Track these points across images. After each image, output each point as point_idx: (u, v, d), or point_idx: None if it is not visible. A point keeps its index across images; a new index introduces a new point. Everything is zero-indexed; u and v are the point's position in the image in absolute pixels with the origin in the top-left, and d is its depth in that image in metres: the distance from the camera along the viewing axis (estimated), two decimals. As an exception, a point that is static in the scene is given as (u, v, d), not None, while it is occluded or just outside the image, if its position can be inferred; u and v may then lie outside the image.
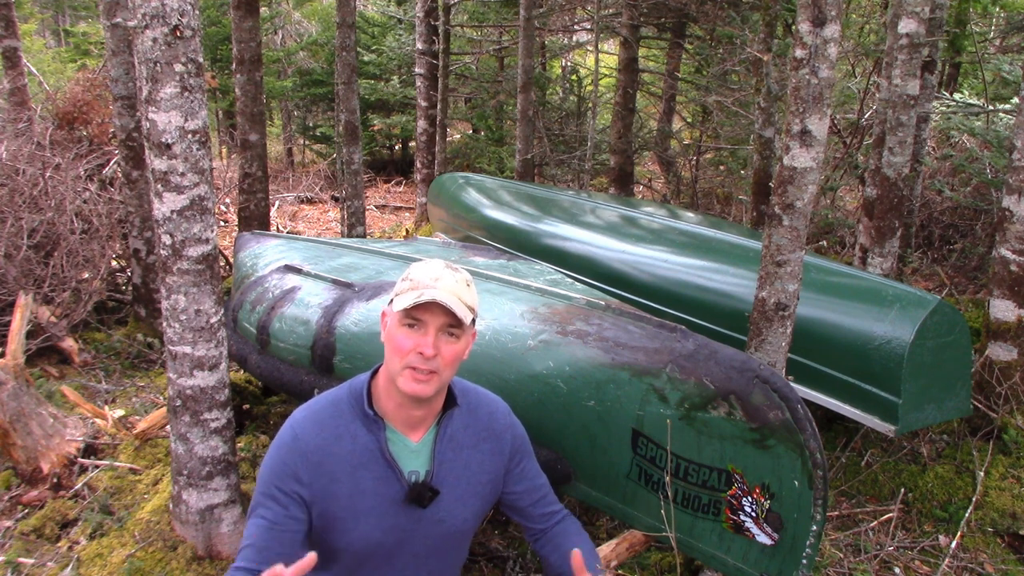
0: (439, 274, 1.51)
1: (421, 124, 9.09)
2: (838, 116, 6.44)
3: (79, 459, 2.91)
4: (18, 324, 2.93)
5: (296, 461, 1.53)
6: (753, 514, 1.73)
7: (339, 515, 1.54)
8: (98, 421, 3.16)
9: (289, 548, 1.53)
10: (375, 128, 12.77)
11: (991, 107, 5.17)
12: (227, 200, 9.46)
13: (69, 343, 4.27)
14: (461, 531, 1.68)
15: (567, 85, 10.82)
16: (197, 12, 2.03)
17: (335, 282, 2.81)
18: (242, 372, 3.55)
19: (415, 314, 1.49)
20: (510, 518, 1.81)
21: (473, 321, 1.56)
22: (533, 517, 1.77)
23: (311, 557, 1.30)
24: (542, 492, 1.78)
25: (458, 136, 12.27)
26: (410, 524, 1.59)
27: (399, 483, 1.56)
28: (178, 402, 2.28)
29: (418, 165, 9.23)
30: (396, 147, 14.25)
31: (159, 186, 2.08)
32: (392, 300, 1.54)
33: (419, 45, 8.89)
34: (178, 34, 1.97)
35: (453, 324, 1.50)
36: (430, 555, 1.65)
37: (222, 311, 2.28)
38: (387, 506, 1.56)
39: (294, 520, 1.53)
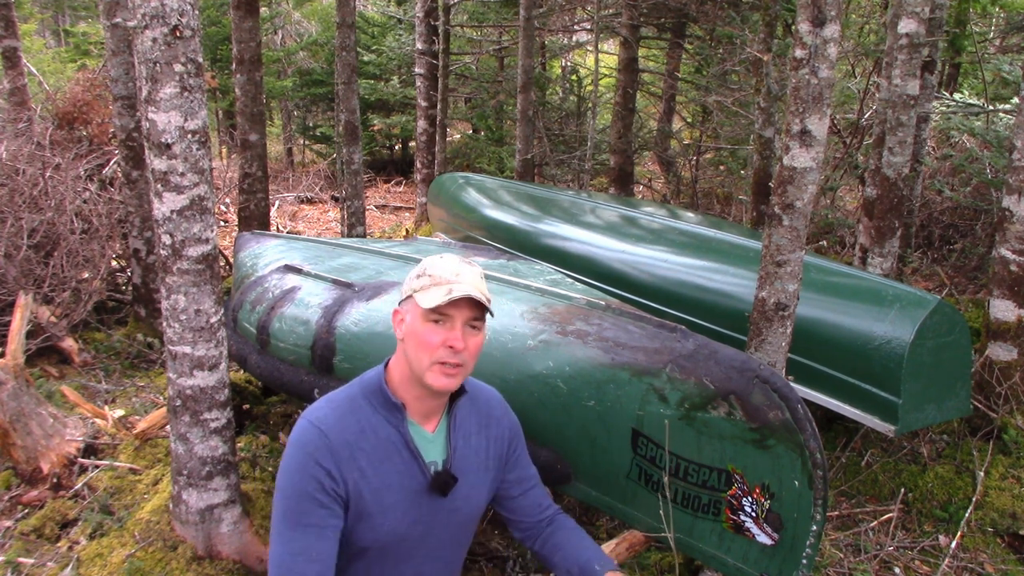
0: (459, 268, 1.53)
1: (421, 124, 9.09)
2: (838, 116, 6.44)
3: (79, 459, 2.91)
4: (18, 324, 2.92)
5: (327, 458, 1.49)
6: (753, 514, 1.73)
7: (367, 510, 1.53)
8: (98, 421, 3.16)
9: (337, 552, 1.51)
10: (375, 128, 12.77)
11: (991, 107, 5.17)
12: (227, 200, 9.45)
13: (69, 343, 4.26)
14: (474, 518, 1.70)
15: (567, 85, 10.82)
16: (197, 12, 2.02)
17: (335, 282, 2.81)
18: (242, 372, 3.55)
19: (442, 309, 1.49)
20: (501, 516, 1.81)
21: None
22: (523, 509, 1.77)
23: None
24: (532, 482, 1.79)
25: (458, 136, 12.26)
26: (431, 514, 1.59)
27: (422, 474, 1.56)
28: (178, 402, 2.27)
29: (418, 165, 9.23)
30: (396, 147, 14.25)
31: (159, 186, 2.08)
32: (410, 296, 1.54)
33: (419, 45, 8.89)
34: (178, 34, 1.97)
35: (478, 317, 1.53)
36: (445, 545, 1.66)
37: (222, 311, 2.27)
38: (412, 498, 1.56)
39: (338, 518, 1.51)
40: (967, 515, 2.83)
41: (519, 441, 1.77)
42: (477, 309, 1.52)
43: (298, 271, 3.03)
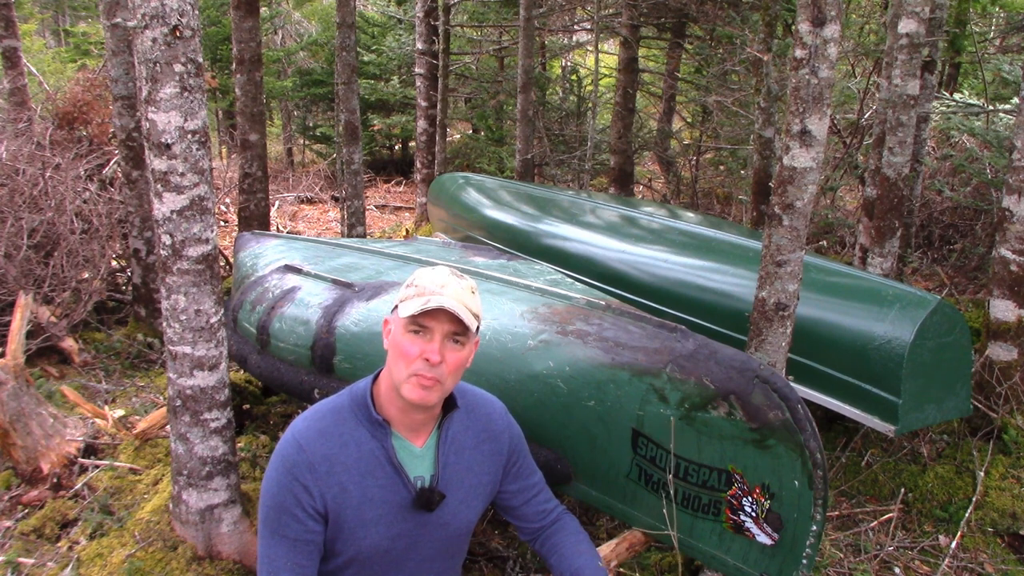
0: (445, 280, 1.50)
1: (421, 124, 9.09)
2: (838, 116, 6.44)
3: (79, 459, 2.91)
4: (18, 324, 2.92)
5: (304, 473, 1.50)
6: (753, 514, 1.73)
7: (348, 524, 1.53)
8: (98, 421, 3.16)
9: (315, 562, 1.53)
10: (375, 128, 12.76)
11: (991, 107, 5.17)
12: (227, 200, 9.46)
13: (69, 343, 4.26)
14: (466, 532, 1.69)
15: (567, 85, 10.82)
16: (197, 12, 2.02)
17: (335, 282, 2.81)
18: (242, 372, 3.55)
19: (421, 321, 1.48)
20: (504, 518, 1.81)
21: (477, 328, 1.55)
22: (526, 516, 1.77)
23: None
24: (535, 491, 1.78)
25: (458, 136, 12.27)
26: (417, 529, 1.59)
27: (406, 489, 1.55)
28: (178, 402, 2.28)
29: (418, 165, 9.23)
30: (396, 147, 14.24)
31: (159, 186, 2.08)
32: (396, 307, 1.54)
33: (419, 45, 8.89)
34: (178, 34, 1.97)
35: (459, 332, 1.50)
36: (435, 558, 1.65)
37: (222, 311, 2.27)
38: (395, 512, 1.55)
39: (314, 533, 1.52)
40: (967, 515, 2.83)
41: (520, 453, 1.75)
42: (459, 324, 1.49)
43: (298, 271, 3.03)
